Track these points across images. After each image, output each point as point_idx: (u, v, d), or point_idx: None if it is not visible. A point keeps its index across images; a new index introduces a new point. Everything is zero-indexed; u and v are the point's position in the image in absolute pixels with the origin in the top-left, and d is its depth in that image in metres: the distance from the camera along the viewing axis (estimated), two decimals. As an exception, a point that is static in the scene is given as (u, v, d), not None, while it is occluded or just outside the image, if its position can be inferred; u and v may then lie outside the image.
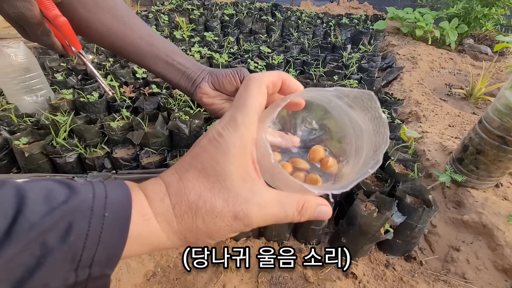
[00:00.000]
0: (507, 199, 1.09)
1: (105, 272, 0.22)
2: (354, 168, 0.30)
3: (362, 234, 0.89)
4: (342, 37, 2.64)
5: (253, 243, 1.01)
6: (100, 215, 0.22)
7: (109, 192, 0.23)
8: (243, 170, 0.25)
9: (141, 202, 0.24)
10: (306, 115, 0.36)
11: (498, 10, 2.46)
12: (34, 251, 0.19)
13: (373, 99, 0.28)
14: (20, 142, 1.07)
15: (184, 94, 0.78)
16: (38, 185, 0.22)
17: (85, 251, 0.21)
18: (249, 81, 0.27)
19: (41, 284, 0.20)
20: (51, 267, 0.20)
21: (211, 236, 0.25)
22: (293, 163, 0.33)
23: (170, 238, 0.25)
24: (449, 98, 2.03)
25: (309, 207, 0.27)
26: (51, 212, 0.20)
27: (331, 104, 0.32)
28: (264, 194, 0.25)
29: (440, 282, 0.94)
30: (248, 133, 0.25)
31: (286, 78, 0.29)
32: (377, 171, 1.08)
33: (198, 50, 1.91)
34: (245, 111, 0.25)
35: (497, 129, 0.98)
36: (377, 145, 0.28)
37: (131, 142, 1.19)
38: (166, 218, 0.24)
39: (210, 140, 0.25)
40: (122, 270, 0.93)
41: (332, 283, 0.91)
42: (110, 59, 1.72)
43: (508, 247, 0.92)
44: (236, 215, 0.24)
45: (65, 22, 0.48)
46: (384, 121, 0.28)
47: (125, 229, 0.22)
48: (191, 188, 0.24)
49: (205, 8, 2.96)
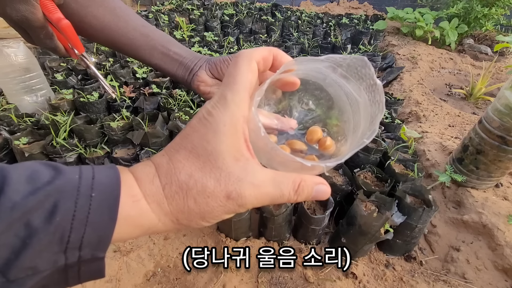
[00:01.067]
0: (507, 199, 1.09)
1: (96, 255, 0.22)
2: (352, 145, 0.29)
3: (362, 234, 0.89)
4: (342, 37, 2.64)
5: (253, 243, 1.01)
6: (87, 195, 0.21)
7: (96, 174, 0.22)
8: (235, 149, 0.24)
9: (129, 183, 0.24)
10: (302, 95, 0.34)
11: (498, 10, 2.46)
12: (18, 232, 0.19)
13: (367, 65, 0.27)
14: (20, 142, 1.07)
15: (182, 84, 0.77)
16: (22, 166, 0.21)
17: (73, 232, 0.20)
18: (238, 57, 0.26)
19: (28, 266, 0.19)
20: (37, 248, 0.19)
21: (204, 218, 0.25)
22: (290, 145, 0.32)
23: (162, 220, 0.24)
24: (449, 98, 2.03)
25: (306, 186, 0.26)
26: (34, 192, 0.20)
27: (327, 81, 0.31)
28: (258, 173, 0.24)
29: (440, 282, 0.94)
30: (239, 110, 0.24)
31: (277, 54, 0.28)
32: (377, 171, 1.08)
33: (198, 50, 1.91)
34: (234, 88, 0.24)
35: (497, 129, 0.98)
36: (373, 116, 0.27)
37: (131, 142, 1.19)
38: (156, 199, 0.24)
39: (200, 120, 0.24)
40: (122, 270, 0.93)
41: (332, 283, 0.91)
42: (110, 59, 1.72)
43: (508, 247, 0.92)
44: (228, 195, 0.24)
45: (68, 25, 0.47)
46: (379, 88, 0.27)
47: (114, 210, 0.22)
48: (181, 168, 0.24)
49: (205, 8, 2.96)
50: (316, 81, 0.32)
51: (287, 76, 0.29)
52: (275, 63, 0.28)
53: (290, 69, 0.28)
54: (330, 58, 0.27)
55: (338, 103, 0.32)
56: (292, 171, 0.27)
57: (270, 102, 0.34)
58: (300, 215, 0.98)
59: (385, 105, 1.55)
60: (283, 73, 0.29)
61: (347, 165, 1.13)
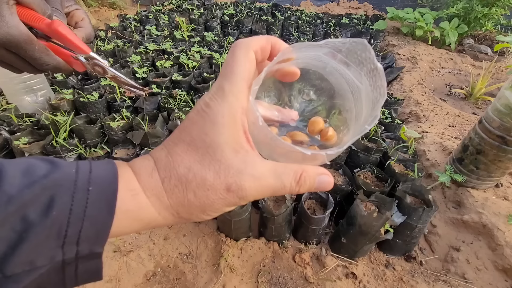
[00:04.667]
0: (507, 199, 1.09)
1: (94, 250, 0.21)
2: (354, 133, 0.28)
3: (362, 234, 0.89)
4: (342, 37, 2.64)
5: (253, 243, 1.01)
6: (84, 189, 0.21)
7: (94, 168, 0.22)
8: (234, 141, 0.24)
9: (128, 177, 0.23)
10: (303, 85, 0.33)
11: (498, 10, 2.46)
12: (15, 226, 0.18)
13: (367, 48, 0.26)
14: (20, 142, 1.07)
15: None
16: (18, 160, 0.21)
17: (70, 227, 0.20)
18: (236, 47, 0.25)
19: (26, 261, 0.19)
20: (34, 242, 0.19)
21: (205, 211, 0.24)
22: (291, 137, 0.31)
23: (162, 214, 0.24)
24: (449, 98, 2.03)
25: (308, 177, 0.25)
26: (30, 185, 0.19)
27: (327, 69, 0.30)
28: (258, 165, 0.24)
29: (440, 282, 0.94)
30: (237, 102, 0.23)
31: (275, 42, 0.27)
32: (377, 171, 1.08)
33: (198, 50, 1.91)
34: (232, 79, 0.24)
35: (497, 129, 0.98)
36: (374, 101, 0.26)
37: (131, 142, 1.19)
38: (155, 193, 0.23)
39: (198, 112, 0.24)
40: (122, 270, 0.93)
41: (332, 283, 0.91)
42: (110, 59, 1.72)
43: (508, 247, 0.92)
44: (228, 187, 0.23)
45: (62, 26, 0.41)
46: (380, 72, 0.26)
47: (112, 204, 0.21)
48: (180, 161, 0.23)
49: (205, 8, 2.96)
50: (317, 70, 0.31)
51: (287, 66, 0.28)
52: (273, 52, 0.27)
53: (288, 57, 0.27)
54: (329, 42, 0.26)
55: (340, 91, 0.31)
56: (294, 162, 0.26)
57: (270, 94, 0.34)
58: (300, 215, 0.98)
59: (385, 105, 1.55)
60: (282, 62, 0.28)
61: (347, 165, 1.13)
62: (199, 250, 1.01)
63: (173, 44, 2.05)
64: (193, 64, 1.73)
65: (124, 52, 1.82)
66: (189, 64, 1.72)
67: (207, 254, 1.00)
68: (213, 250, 1.01)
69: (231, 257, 0.97)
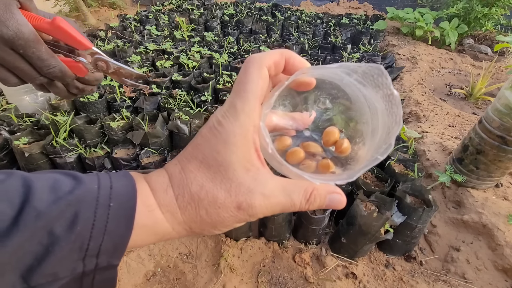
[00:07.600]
0: (507, 199, 1.09)
1: (112, 262, 0.23)
2: (369, 151, 0.28)
3: (362, 234, 0.89)
4: (342, 37, 2.64)
5: (253, 243, 1.01)
6: (105, 205, 0.22)
7: (114, 183, 0.23)
8: (245, 159, 0.24)
9: (145, 193, 0.24)
10: (319, 94, 0.33)
11: (498, 10, 2.46)
12: (42, 240, 0.20)
13: (383, 74, 0.26)
14: (20, 142, 1.07)
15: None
16: (44, 175, 0.22)
17: (92, 241, 0.21)
18: (249, 63, 0.25)
19: (50, 273, 0.20)
20: (59, 255, 0.20)
21: (216, 227, 0.25)
22: (305, 148, 0.31)
23: (176, 229, 0.25)
24: (449, 98, 2.03)
25: (318, 195, 0.25)
26: (57, 201, 0.20)
27: (344, 81, 0.29)
28: (268, 183, 0.24)
29: (440, 282, 0.94)
30: (249, 120, 0.24)
31: (289, 57, 0.27)
32: (377, 171, 1.08)
33: (198, 50, 1.91)
34: (244, 97, 0.24)
35: (497, 129, 0.98)
36: (389, 127, 0.26)
37: (131, 142, 1.19)
38: (170, 209, 0.24)
39: (210, 129, 0.24)
40: (122, 270, 0.93)
41: (332, 283, 0.91)
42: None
43: (508, 247, 0.92)
44: (239, 206, 0.24)
45: (64, 22, 0.40)
46: (397, 99, 0.26)
47: (131, 219, 0.23)
48: (192, 179, 0.24)
49: (205, 8, 2.96)
50: (333, 81, 0.30)
51: (302, 76, 0.28)
52: (287, 66, 0.27)
53: (301, 79, 0.28)
54: (344, 65, 0.26)
55: (357, 103, 0.31)
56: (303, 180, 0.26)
57: (285, 102, 0.33)
58: (300, 215, 0.98)
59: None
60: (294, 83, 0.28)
61: (347, 165, 1.13)
62: (199, 250, 1.01)
63: (173, 44, 2.05)
64: (193, 64, 1.73)
65: (124, 52, 1.82)
66: (189, 64, 1.72)
67: (207, 254, 1.00)
68: (213, 250, 1.01)
69: (231, 257, 0.97)
